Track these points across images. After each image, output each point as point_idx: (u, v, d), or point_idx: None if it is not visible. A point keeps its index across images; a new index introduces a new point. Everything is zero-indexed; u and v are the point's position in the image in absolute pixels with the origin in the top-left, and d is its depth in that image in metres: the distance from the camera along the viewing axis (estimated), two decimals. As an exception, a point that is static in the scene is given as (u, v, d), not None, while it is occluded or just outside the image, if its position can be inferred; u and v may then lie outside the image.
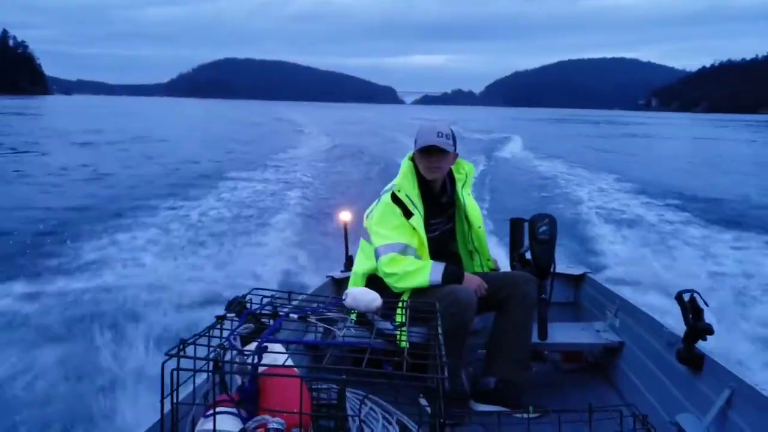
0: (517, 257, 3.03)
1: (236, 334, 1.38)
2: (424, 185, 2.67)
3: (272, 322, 1.47)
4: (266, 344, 1.31)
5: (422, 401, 2.29)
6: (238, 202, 10.51)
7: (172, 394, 1.19)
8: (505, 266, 3.06)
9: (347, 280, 2.87)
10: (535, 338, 2.75)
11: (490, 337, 2.65)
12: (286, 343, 1.42)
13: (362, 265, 2.69)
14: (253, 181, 13.20)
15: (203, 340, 1.36)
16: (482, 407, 2.52)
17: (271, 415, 1.15)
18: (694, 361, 2.14)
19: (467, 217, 2.79)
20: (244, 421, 1.21)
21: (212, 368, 1.28)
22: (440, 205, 2.74)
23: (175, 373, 1.18)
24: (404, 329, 1.91)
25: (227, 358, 1.32)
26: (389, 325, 2.29)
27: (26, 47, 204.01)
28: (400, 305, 1.89)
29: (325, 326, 1.59)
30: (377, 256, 2.56)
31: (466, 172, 2.83)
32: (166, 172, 15.07)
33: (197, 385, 1.32)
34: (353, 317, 1.81)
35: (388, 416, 1.49)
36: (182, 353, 1.22)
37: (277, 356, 1.31)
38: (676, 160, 25.62)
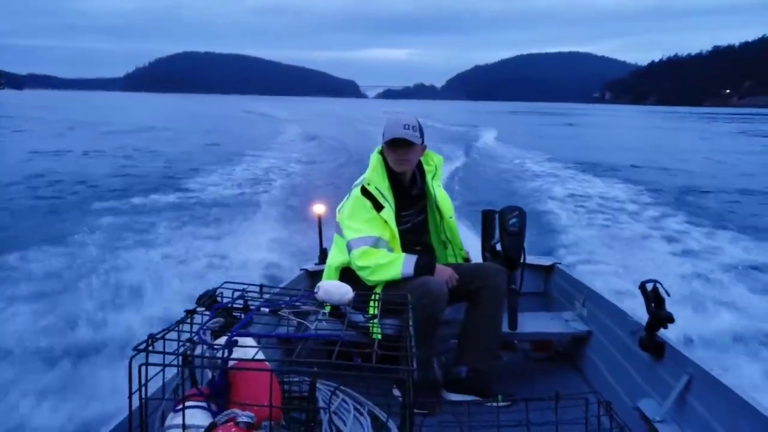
0: (488, 248, 3.07)
1: (206, 328, 1.37)
2: (393, 178, 2.68)
3: (243, 316, 1.46)
4: (237, 338, 1.31)
5: (395, 392, 2.31)
6: (210, 195, 10.38)
7: (140, 389, 1.18)
8: (477, 258, 3.09)
9: (321, 273, 2.87)
10: (505, 328, 2.80)
11: (461, 327, 2.69)
12: (257, 336, 1.42)
13: (335, 258, 2.69)
14: (224, 174, 13.03)
15: (173, 334, 1.35)
16: (454, 396, 2.56)
17: (241, 408, 1.15)
18: (655, 348, 2.21)
19: (438, 208, 2.81)
20: (214, 415, 1.20)
21: (181, 363, 1.27)
22: (411, 197, 2.75)
23: (143, 368, 1.17)
24: (376, 321, 1.93)
25: (197, 352, 1.32)
26: (362, 317, 2.30)
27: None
28: (373, 298, 1.90)
29: (297, 319, 1.59)
30: (349, 249, 2.56)
31: (435, 163, 2.84)
32: (144, 167, 14.89)
33: (167, 380, 1.31)
34: (326, 310, 1.81)
35: (359, 407, 1.50)
36: (151, 348, 1.22)
37: (247, 350, 1.31)
38: (625, 147, 26.77)
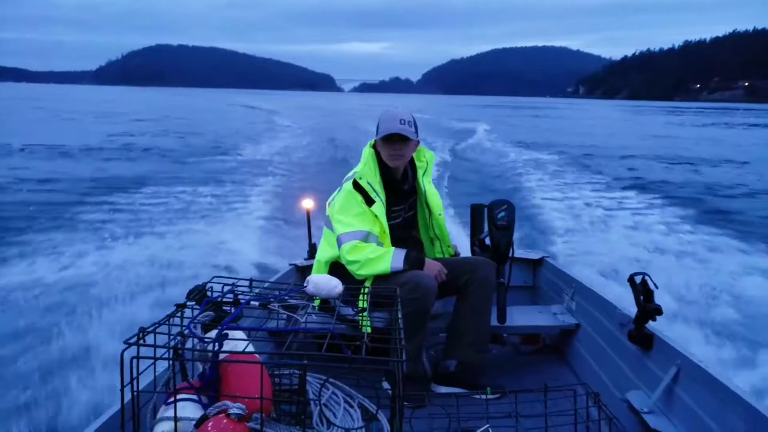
0: (477, 242, 3.09)
1: (196, 322, 1.38)
2: (385, 173, 2.69)
3: (234, 310, 1.47)
4: (227, 331, 1.32)
5: (385, 385, 2.33)
6: (199, 189, 10.34)
7: (132, 382, 1.19)
8: (466, 251, 3.12)
9: (311, 267, 2.88)
10: (494, 322, 2.83)
11: (450, 321, 2.71)
12: (247, 330, 1.43)
13: (325, 252, 2.70)
14: (212, 170, 12.96)
15: (163, 328, 1.36)
16: (443, 389, 2.59)
17: (231, 401, 1.17)
18: (644, 340, 2.23)
19: (428, 204, 2.83)
20: (205, 407, 1.22)
21: (172, 356, 1.28)
22: (402, 192, 2.76)
23: (135, 361, 1.18)
24: (366, 315, 1.94)
25: (188, 345, 1.33)
26: (352, 311, 2.32)
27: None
28: (362, 291, 1.92)
29: (287, 313, 1.60)
30: (339, 243, 2.57)
31: (426, 159, 2.85)
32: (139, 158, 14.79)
33: (158, 373, 1.32)
34: (316, 304, 1.82)
35: (349, 400, 1.51)
36: (142, 341, 1.22)
37: (237, 343, 1.32)
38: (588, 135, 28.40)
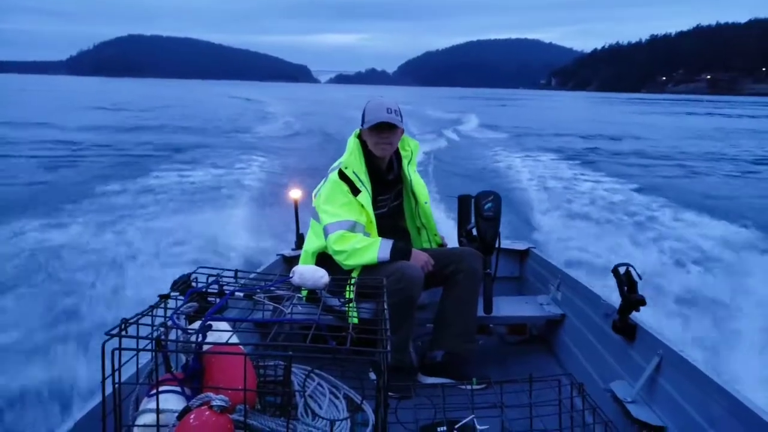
0: (464, 233, 3.10)
1: (180, 312, 1.37)
2: (371, 162, 2.68)
3: (219, 301, 1.45)
4: (211, 322, 1.31)
5: (371, 375, 2.33)
6: (187, 181, 10.24)
7: (113, 374, 1.17)
8: (453, 241, 3.12)
9: (298, 258, 2.87)
10: (481, 312, 2.84)
11: (437, 311, 2.72)
12: (231, 321, 1.42)
13: (312, 243, 2.69)
14: (199, 162, 12.81)
15: (146, 319, 1.34)
16: (429, 380, 2.60)
17: (215, 392, 1.16)
18: (627, 331, 2.25)
19: (414, 193, 2.82)
20: (188, 399, 1.21)
21: (155, 347, 1.26)
22: (387, 182, 2.76)
23: (116, 353, 1.17)
24: (353, 305, 1.94)
25: (171, 336, 1.31)
26: (338, 301, 2.31)
27: None
28: (349, 282, 1.91)
29: (272, 304, 1.58)
30: (326, 234, 2.56)
31: (411, 149, 2.85)
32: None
33: (141, 365, 1.31)
34: (303, 295, 1.81)
35: (334, 390, 1.51)
36: (124, 333, 1.21)
37: (221, 334, 1.31)
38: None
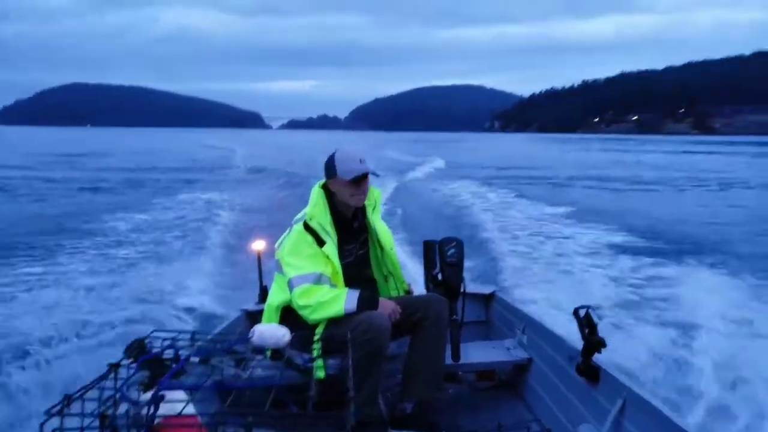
0: (431, 278, 3.07)
1: (131, 383, 1.27)
2: (336, 212, 2.66)
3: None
4: (165, 392, 1.22)
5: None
6: (137, 233, 9.92)
7: None
8: (421, 287, 3.09)
9: (261, 312, 2.78)
10: (449, 360, 2.79)
11: (405, 360, 2.66)
12: (187, 388, 1.33)
13: (276, 297, 2.61)
14: (154, 211, 12.52)
15: (93, 392, 1.24)
16: (400, 433, 2.51)
17: (168, 469, 1.07)
18: (591, 373, 2.25)
19: (379, 241, 2.80)
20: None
21: (101, 424, 1.17)
22: (353, 230, 2.73)
23: None
24: (320, 363, 1.86)
25: (121, 410, 1.21)
26: (302, 359, 2.22)
27: None
28: (315, 338, 1.84)
29: (232, 367, 1.50)
30: (291, 287, 2.50)
31: (375, 197, 2.84)
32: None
33: None
34: (267, 353, 1.73)
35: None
36: (67, 410, 1.11)
37: (175, 404, 1.23)
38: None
